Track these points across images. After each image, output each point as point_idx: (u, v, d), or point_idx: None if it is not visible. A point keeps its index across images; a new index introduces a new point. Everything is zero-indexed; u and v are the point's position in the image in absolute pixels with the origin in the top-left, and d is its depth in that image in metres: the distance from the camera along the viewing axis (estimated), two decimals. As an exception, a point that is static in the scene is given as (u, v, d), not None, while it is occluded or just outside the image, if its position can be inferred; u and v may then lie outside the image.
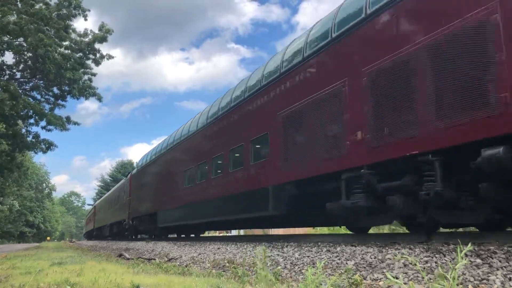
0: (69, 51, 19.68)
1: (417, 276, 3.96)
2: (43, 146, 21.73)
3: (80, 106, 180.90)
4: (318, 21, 8.30)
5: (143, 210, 19.31)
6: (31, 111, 19.82)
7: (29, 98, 20.20)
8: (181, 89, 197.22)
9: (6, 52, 19.38)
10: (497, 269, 3.70)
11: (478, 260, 3.99)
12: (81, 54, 20.27)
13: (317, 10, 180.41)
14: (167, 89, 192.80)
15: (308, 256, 5.97)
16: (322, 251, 6.08)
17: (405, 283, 3.66)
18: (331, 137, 6.84)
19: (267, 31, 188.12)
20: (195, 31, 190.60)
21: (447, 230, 7.84)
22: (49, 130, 20.83)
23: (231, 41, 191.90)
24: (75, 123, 21.78)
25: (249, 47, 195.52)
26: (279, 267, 5.63)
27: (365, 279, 4.26)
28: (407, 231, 7.50)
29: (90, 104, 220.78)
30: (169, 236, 19.99)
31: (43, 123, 20.63)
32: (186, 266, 7.42)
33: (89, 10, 19.81)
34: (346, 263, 5.03)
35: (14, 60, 20.35)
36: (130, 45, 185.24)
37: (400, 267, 4.36)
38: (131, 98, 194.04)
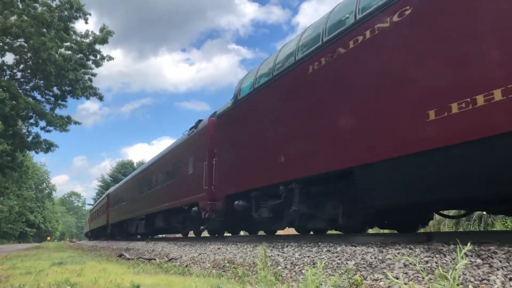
0: (70, 52, 19.71)
1: (418, 276, 3.96)
2: (44, 146, 21.74)
3: (80, 106, 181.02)
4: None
5: (286, 173, 7.97)
6: (31, 112, 19.84)
7: (30, 98, 20.20)
8: (181, 89, 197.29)
9: (7, 53, 19.42)
10: (498, 269, 3.70)
11: (479, 260, 3.99)
12: (81, 55, 20.31)
13: (317, 11, 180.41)
14: (167, 89, 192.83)
15: (308, 256, 5.97)
16: (322, 251, 6.08)
17: (405, 283, 3.66)
18: None
19: (268, 32, 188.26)
20: (195, 32, 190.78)
21: (448, 230, 7.80)
22: (49, 131, 20.85)
23: (232, 42, 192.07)
24: (76, 123, 21.80)
25: (249, 48, 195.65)
26: (279, 267, 5.63)
27: (365, 279, 4.26)
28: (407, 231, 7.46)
29: (90, 105, 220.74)
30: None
31: (42, 123, 20.67)
32: (186, 266, 7.42)
33: (89, 14, 19.87)
34: (347, 263, 5.03)
35: (14, 60, 20.38)
36: (130, 45, 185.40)
37: (401, 267, 4.36)
38: (132, 99, 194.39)
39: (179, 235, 18.37)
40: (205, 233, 16.61)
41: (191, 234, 17.83)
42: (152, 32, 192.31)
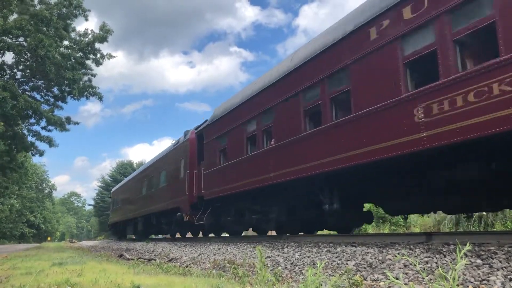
0: (69, 51, 19.64)
1: (418, 277, 3.96)
2: (40, 149, 21.73)
3: (82, 108, 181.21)
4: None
5: None
6: (30, 111, 19.79)
7: (29, 98, 20.15)
8: (182, 90, 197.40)
9: (6, 52, 19.37)
10: (498, 270, 3.70)
11: (479, 261, 3.99)
12: (81, 53, 20.24)
13: (318, 14, 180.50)
14: (168, 90, 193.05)
15: (308, 257, 5.97)
16: (322, 251, 6.08)
17: (405, 284, 3.66)
18: None
19: (269, 34, 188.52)
20: (197, 35, 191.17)
21: (447, 230, 7.83)
22: (49, 130, 20.81)
23: (234, 45, 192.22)
24: (75, 123, 21.72)
25: (251, 50, 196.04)
26: (280, 268, 5.64)
27: (365, 279, 4.26)
28: (407, 231, 7.50)
29: (92, 106, 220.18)
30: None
31: (43, 123, 20.62)
32: (186, 266, 7.42)
33: (89, 10, 19.79)
34: (347, 264, 5.03)
35: (14, 60, 20.33)
36: (131, 47, 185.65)
37: (401, 268, 4.36)
38: (133, 100, 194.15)
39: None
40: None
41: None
42: (153, 35, 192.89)
